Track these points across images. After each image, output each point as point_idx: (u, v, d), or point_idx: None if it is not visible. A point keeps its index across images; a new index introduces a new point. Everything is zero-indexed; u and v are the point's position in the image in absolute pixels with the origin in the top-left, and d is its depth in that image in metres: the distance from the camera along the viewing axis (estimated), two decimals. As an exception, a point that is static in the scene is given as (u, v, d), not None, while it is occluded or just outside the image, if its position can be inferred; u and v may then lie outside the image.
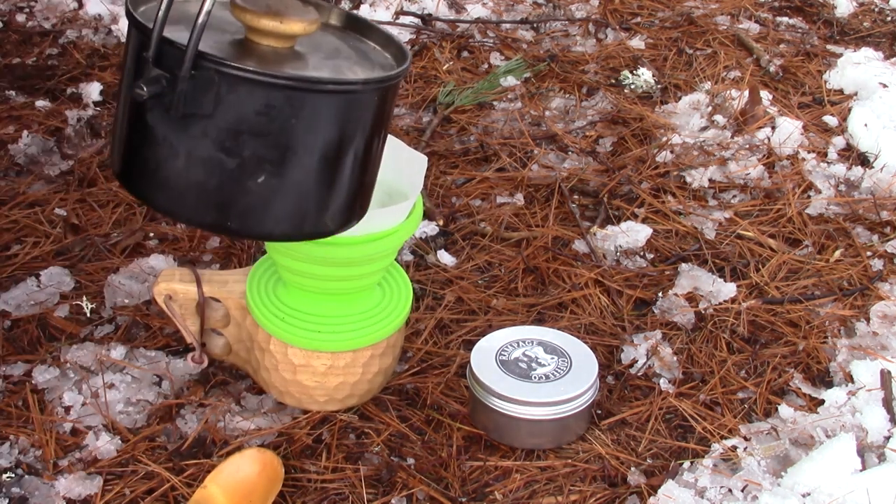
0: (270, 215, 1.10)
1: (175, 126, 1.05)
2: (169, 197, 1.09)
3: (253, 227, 1.10)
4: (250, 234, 1.14)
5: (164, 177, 1.08)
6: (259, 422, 1.37)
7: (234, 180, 1.07)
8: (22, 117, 1.98)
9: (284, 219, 1.11)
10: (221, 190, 1.07)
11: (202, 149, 1.05)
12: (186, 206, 1.09)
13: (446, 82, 2.19)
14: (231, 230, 1.11)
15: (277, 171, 1.07)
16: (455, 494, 1.29)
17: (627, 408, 1.43)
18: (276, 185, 1.08)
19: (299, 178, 1.09)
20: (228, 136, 1.05)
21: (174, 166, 1.07)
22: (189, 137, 1.05)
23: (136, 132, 1.08)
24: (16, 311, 1.53)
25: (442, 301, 1.60)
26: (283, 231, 1.12)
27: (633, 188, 1.90)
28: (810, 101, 2.22)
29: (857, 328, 1.59)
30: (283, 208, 1.10)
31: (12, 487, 1.25)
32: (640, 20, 2.55)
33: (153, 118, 1.06)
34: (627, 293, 1.64)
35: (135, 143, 1.09)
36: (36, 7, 2.41)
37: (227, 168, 1.06)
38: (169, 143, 1.06)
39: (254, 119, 1.04)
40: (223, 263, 1.65)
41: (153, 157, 1.07)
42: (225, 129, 1.04)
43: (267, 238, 1.16)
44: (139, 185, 1.11)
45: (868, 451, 1.36)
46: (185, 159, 1.06)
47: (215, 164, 1.06)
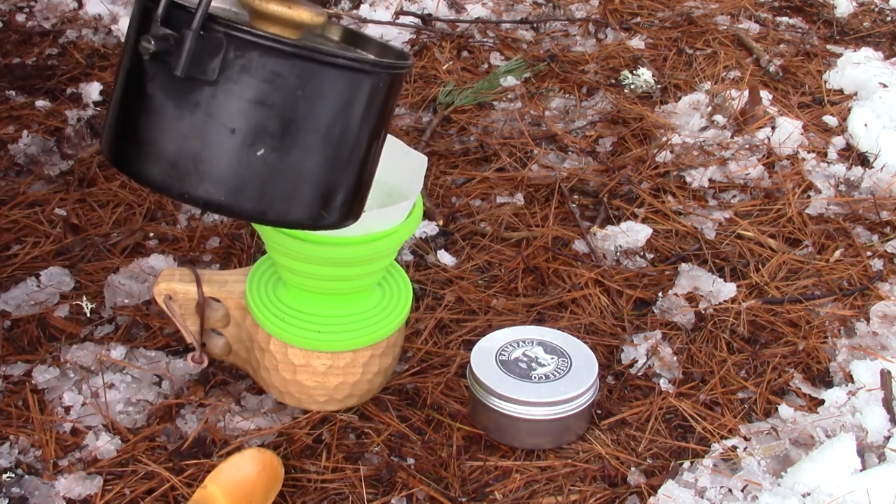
0: (267, 193, 1.06)
1: (176, 92, 1.02)
2: (162, 170, 1.05)
3: (246, 204, 1.06)
4: (242, 211, 1.08)
5: (158, 148, 1.04)
6: (259, 422, 1.37)
7: (232, 152, 1.04)
8: (22, 117, 1.98)
9: (280, 199, 1.07)
10: (219, 162, 1.04)
11: (202, 117, 1.03)
12: (181, 180, 1.05)
13: (446, 82, 2.19)
14: (223, 206, 1.07)
15: (278, 146, 1.04)
16: (455, 494, 1.29)
17: (627, 408, 1.43)
18: (275, 161, 1.05)
19: (299, 156, 1.06)
20: (231, 104, 1.02)
21: (171, 136, 1.04)
22: (190, 104, 1.02)
23: (133, 103, 1.06)
24: (16, 311, 1.53)
25: (442, 301, 1.60)
26: (276, 213, 1.08)
27: (633, 188, 1.90)
28: (810, 101, 2.22)
29: (857, 328, 1.59)
30: (280, 187, 1.06)
31: (12, 487, 1.25)
32: (640, 20, 2.55)
33: (153, 86, 1.03)
34: (627, 293, 1.64)
35: (131, 114, 1.06)
36: (36, 7, 2.41)
37: (227, 138, 1.03)
38: (167, 111, 1.03)
39: (259, 87, 1.02)
40: (223, 263, 1.66)
41: (149, 128, 1.04)
42: (228, 96, 1.02)
43: (259, 218, 1.10)
44: (132, 161, 1.07)
45: (868, 451, 1.36)
46: (183, 129, 1.03)
47: (215, 134, 1.03)
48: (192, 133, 1.03)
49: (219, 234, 1.71)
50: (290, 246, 1.25)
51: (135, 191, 1.81)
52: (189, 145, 1.04)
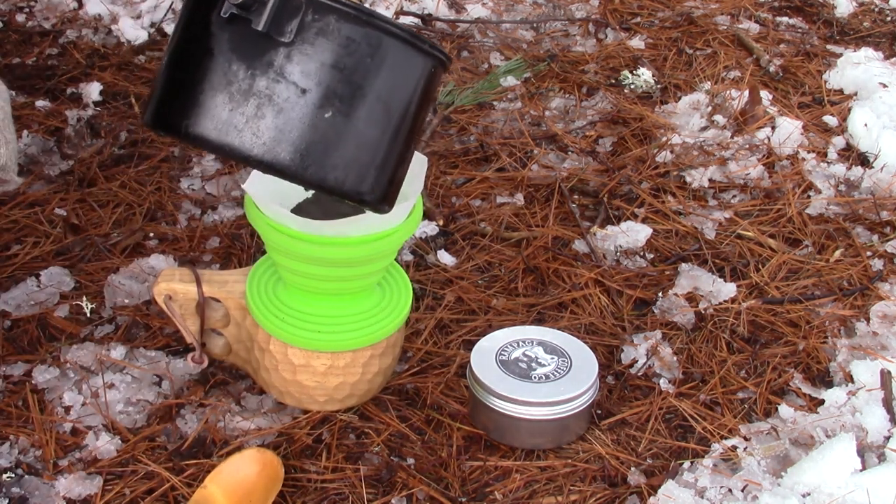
0: (330, 157, 1.09)
1: (249, 52, 1.05)
2: (225, 131, 1.07)
3: (309, 167, 1.08)
4: (304, 174, 1.09)
5: (225, 110, 1.06)
6: (259, 422, 1.37)
7: (302, 113, 1.06)
8: (22, 117, 1.98)
9: (341, 165, 1.10)
10: (287, 123, 1.06)
11: (274, 77, 1.05)
12: (244, 141, 1.07)
13: (446, 82, 2.19)
14: (287, 168, 1.08)
15: (346, 111, 1.08)
16: (455, 494, 1.29)
17: (627, 408, 1.43)
18: (341, 126, 1.08)
19: (363, 124, 1.10)
20: (304, 65, 1.05)
21: (239, 98, 1.06)
22: (263, 64, 1.05)
23: (198, 67, 1.07)
24: (16, 311, 1.53)
25: (442, 301, 1.60)
26: (336, 179, 1.10)
27: (633, 188, 1.90)
28: (810, 101, 2.22)
29: (857, 328, 1.59)
30: (343, 153, 1.09)
31: (12, 487, 1.25)
32: (640, 20, 2.55)
33: (223, 47, 1.06)
34: (627, 293, 1.64)
35: (192, 79, 1.08)
36: (36, 7, 2.41)
37: (298, 99, 1.06)
38: (239, 72, 1.05)
39: (333, 51, 1.06)
40: (223, 263, 1.66)
41: (214, 90, 1.06)
42: (303, 57, 1.05)
43: (319, 182, 1.11)
44: (190, 124, 1.08)
45: (868, 451, 1.36)
46: (254, 89, 1.06)
47: (284, 94, 1.06)
48: (263, 93, 1.06)
49: (219, 234, 1.71)
50: (290, 246, 1.25)
51: (135, 191, 1.81)
52: (259, 104, 1.06)
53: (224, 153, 1.08)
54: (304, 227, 1.23)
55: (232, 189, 1.84)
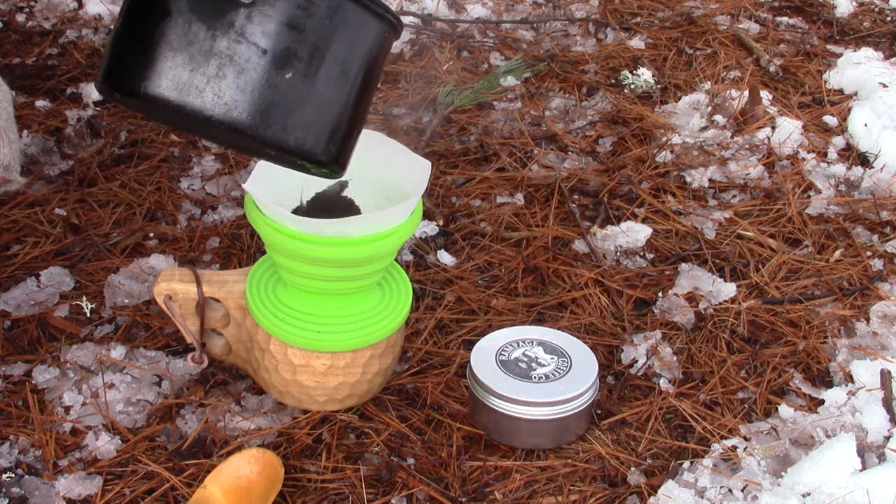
0: (290, 118, 1.10)
1: (210, 13, 1.06)
2: (185, 89, 1.07)
3: (270, 126, 1.09)
4: (264, 135, 1.10)
5: (185, 72, 1.06)
6: (259, 422, 1.37)
7: (262, 73, 1.07)
8: (22, 117, 1.98)
9: (301, 126, 1.11)
10: (248, 83, 1.07)
11: (234, 37, 1.06)
12: (205, 102, 1.07)
13: (446, 82, 2.19)
14: (247, 129, 1.08)
15: (305, 71, 1.09)
16: (455, 494, 1.29)
17: (627, 408, 1.43)
18: (300, 86, 1.09)
19: (322, 85, 1.11)
20: (265, 25, 1.07)
21: (199, 59, 1.06)
22: (224, 25, 1.06)
23: (155, 28, 1.07)
24: (16, 311, 1.53)
25: (442, 301, 1.60)
26: (296, 140, 1.11)
27: (633, 188, 1.90)
28: (810, 101, 2.22)
29: (857, 328, 1.59)
30: (302, 114, 1.10)
31: (12, 487, 1.25)
32: (640, 20, 2.55)
33: (182, 7, 1.06)
34: (627, 293, 1.64)
35: (149, 41, 1.07)
36: (36, 7, 2.41)
37: (258, 59, 1.07)
38: (199, 33, 1.06)
39: (292, 11, 1.07)
40: (223, 263, 1.66)
41: (173, 52, 1.06)
42: (263, 17, 1.07)
43: (280, 143, 1.11)
44: (148, 86, 1.07)
45: (868, 451, 1.36)
46: (214, 50, 1.06)
47: (245, 54, 1.07)
48: (224, 53, 1.06)
49: (219, 234, 1.71)
50: (290, 246, 1.25)
51: (135, 191, 1.81)
52: (220, 65, 1.07)
53: (184, 114, 1.07)
54: (304, 228, 1.23)
55: (232, 189, 1.84)
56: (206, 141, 1.23)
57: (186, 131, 1.24)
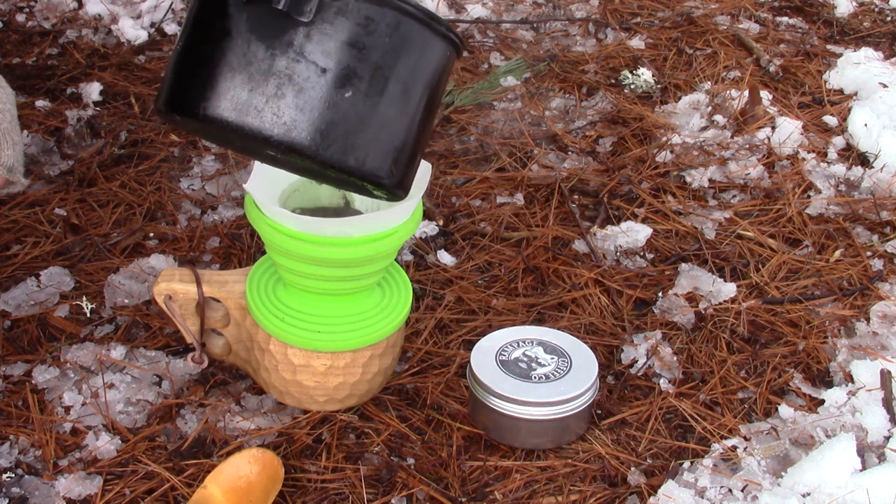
0: (350, 138, 1.09)
1: (268, 32, 1.05)
2: (243, 111, 1.06)
3: (329, 147, 1.08)
4: (324, 154, 1.08)
5: (244, 91, 1.06)
6: (259, 422, 1.37)
7: (322, 92, 1.06)
8: (22, 117, 1.98)
9: (361, 146, 1.09)
10: (307, 102, 1.06)
11: (293, 56, 1.06)
12: (264, 121, 1.06)
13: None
14: (306, 149, 1.07)
15: (366, 90, 1.08)
16: (455, 494, 1.29)
17: (627, 408, 1.43)
18: (361, 106, 1.08)
19: (384, 105, 1.10)
20: (324, 45, 1.06)
21: (258, 78, 1.06)
22: (282, 44, 1.05)
23: (215, 49, 1.07)
24: (16, 311, 1.53)
25: (442, 301, 1.60)
26: (357, 160, 1.10)
27: (633, 188, 1.90)
28: (810, 101, 2.22)
29: (857, 328, 1.59)
30: (363, 133, 1.09)
31: (12, 487, 1.25)
32: (640, 20, 2.55)
33: (241, 28, 1.06)
34: (627, 293, 1.64)
35: (209, 62, 1.07)
36: (36, 7, 2.41)
37: (318, 78, 1.06)
38: (257, 52, 1.06)
39: (352, 30, 1.06)
40: (223, 263, 1.66)
41: (232, 71, 1.06)
42: (322, 36, 1.06)
43: (340, 163, 1.10)
44: (207, 106, 1.07)
45: (868, 451, 1.36)
46: (274, 69, 1.06)
47: (304, 73, 1.06)
48: (283, 73, 1.06)
49: (219, 234, 1.71)
50: (290, 246, 1.25)
51: (135, 191, 1.81)
52: (279, 84, 1.06)
53: (242, 135, 1.07)
54: (304, 228, 1.23)
55: (232, 189, 1.84)
56: (268, 164, 1.22)
57: (246, 154, 1.23)
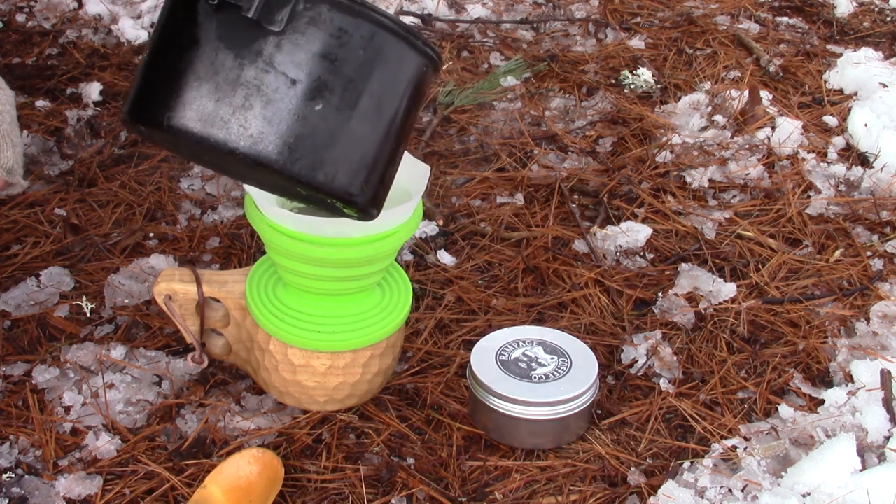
0: (319, 152, 1.05)
1: (238, 41, 1.02)
2: (209, 122, 1.03)
3: (297, 160, 1.04)
4: (291, 170, 1.05)
5: (210, 101, 1.03)
6: (259, 422, 1.37)
7: (292, 104, 1.03)
8: (22, 117, 1.98)
9: (330, 161, 1.06)
10: (276, 114, 1.03)
11: (263, 66, 1.03)
12: (230, 133, 1.03)
13: (446, 82, 2.19)
14: (273, 162, 1.04)
15: (337, 104, 1.05)
16: (455, 494, 1.29)
17: (627, 408, 1.43)
18: (332, 119, 1.05)
19: (355, 119, 1.06)
20: (295, 55, 1.03)
21: (226, 88, 1.03)
22: (252, 53, 1.02)
23: (182, 57, 1.04)
24: (16, 311, 1.53)
25: (442, 301, 1.60)
26: (325, 175, 1.06)
27: (633, 188, 1.90)
28: (810, 101, 2.22)
29: (857, 328, 1.59)
30: (333, 148, 1.06)
31: (12, 487, 1.25)
32: (640, 20, 2.55)
33: (210, 36, 1.03)
34: (627, 293, 1.64)
35: (176, 70, 1.04)
36: (36, 7, 2.41)
37: (287, 90, 1.03)
38: (225, 61, 1.03)
39: (325, 41, 1.03)
40: (223, 263, 1.66)
41: (199, 80, 1.03)
42: (294, 47, 1.03)
43: (308, 178, 1.06)
44: (172, 116, 1.04)
45: (868, 451, 1.36)
46: (242, 79, 1.03)
47: (274, 84, 1.03)
48: (251, 83, 1.03)
49: (219, 234, 1.71)
50: (290, 247, 1.25)
51: (135, 191, 1.81)
52: (247, 95, 1.03)
53: (208, 146, 1.04)
54: (304, 228, 1.23)
55: (232, 189, 1.84)
56: (235, 180, 1.18)
57: (214, 168, 1.19)
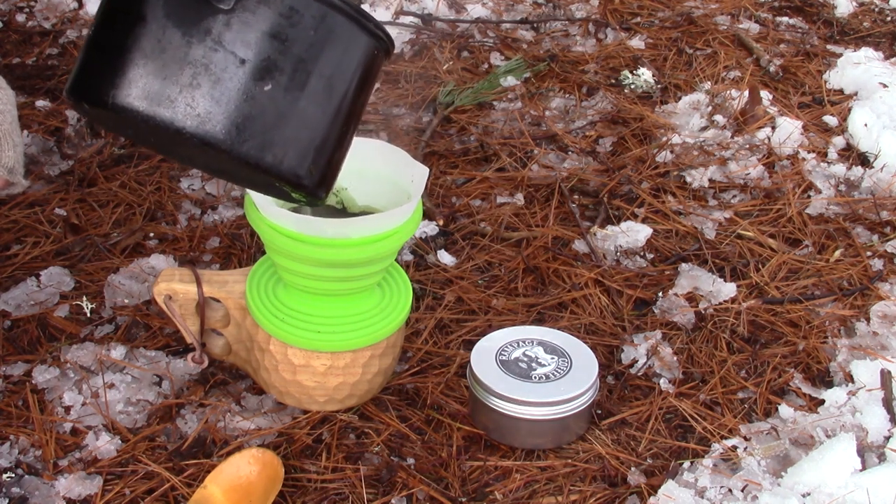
0: (268, 134, 1.04)
1: (186, 19, 1.01)
2: (155, 101, 1.01)
3: (245, 142, 1.03)
4: (239, 150, 1.03)
5: (157, 79, 1.01)
6: (259, 422, 1.37)
7: (240, 84, 1.02)
8: (22, 117, 1.98)
9: (279, 143, 1.05)
10: (224, 94, 1.02)
11: (211, 45, 1.01)
12: (177, 112, 1.01)
13: (446, 82, 2.19)
14: (221, 143, 1.03)
15: (287, 85, 1.04)
16: (455, 494, 1.29)
17: (627, 408, 1.43)
18: (281, 100, 1.04)
19: (304, 101, 1.06)
20: (244, 34, 1.02)
21: (173, 67, 1.01)
22: (200, 31, 1.01)
23: (128, 33, 1.02)
24: (16, 311, 1.53)
25: (442, 301, 1.60)
26: (274, 157, 1.05)
27: (633, 188, 1.90)
28: (810, 101, 2.22)
29: (857, 328, 1.59)
30: (282, 130, 1.05)
31: (12, 487, 1.25)
32: (640, 20, 2.55)
33: (157, 13, 1.01)
34: (627, 293, 1.64)
35: (122, 46, 1.02)
36: (36, 7, 2.41)
37: (236, 69, 1.02)
38: (173, 39, 1.01)
39: (275, 20, 1.02)
40: (223, 263, 1.66)
41: (145, 58, 1.01)
42: (243, 25, 1.02)
43: (256, 160, 1.05)
44: (117, 94, 1.02)
45: (868, 451, 1.36)
46: (189, 57, 1.01)
47: (222, 64, 1.02)
48: (199, 62, 1.01)
49: (219, 234, 1.71)
50: (290, 247, 1.25)
51: (135, 191, 1.81)
52: (192, 75, 1.01)
53: (153, 125, 1.02)
54: (303, 229, 1.23)
55: (232, 189, 1.84)
56: (183, 164, 1.16)
57: (160, 151, 1.15)
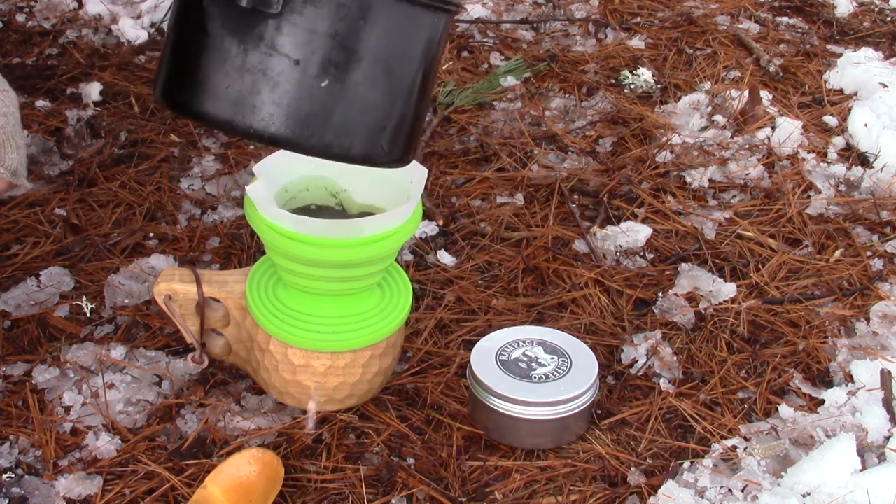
0: (331, 126, 1.08)
1: (239, 28, 1.05)
2: (226, 107, 1.07)
3: (311, 136, 1.08)
4: (307, 144, 1.09)
5: (223, 86, 1.06)
6: (259, 422, 1.37)
7: (298, 84, 1.06)
8: (22, 117, 1.97)
9: (344, 132, 1.09)
10: (284, 95, 1.06)
11: (266, 50, 1.05)
12: (245, 116, 1.06)
13: (446, 82, 2.19)
14: (289, 140, 1.08)
15: (343, 77, 1.07)
16: (455, 494, 1.29)
17: (627, 408, 1.43)
18: (339, 93, 1.07)
19: (363, 87, 1.08)
20: (295, 36, 1.05)
21: (235, 73, 1.06)
22: (254, 38, 1.05)
23: (193, 44, 1.07)
24: (16, 311, 1.53)
25: (442, 301, 1.60)
26: (341, 146, 1.10)
27: (633, 188, 1.90)
28: (810, 101, 2.22)
29: (857, 328, 1.59)
30: (345, 120, 1.09)
31: (12, 487, 1.25)
32: (640, 20, 2.55)
33: (215, 24, 1.06)
34: (627, 293, 1.64)
35: (190, 57, 1.08)
36: (36, 7, 2.41)
37: (292, 70, 1.05)
38: (231, 48, 1.05)
39: (323, 17, 1.05)
40: (223, 263, 1.66)
41: (211, 67, 1.06)
42: (292, 27, 1.04)
43: (325, 152, 1.10)
44: (193, 101, 1.09)
45: (868, 451, 1.36)
46: (248, 64, 1.05)
47: (278, 67, 1.05)
48: (256, 68, 1.05)
49: (219, 234, 1.71)
50: (289, 248, 1.25)
51: (135, 191, 1.81)
52: (254, 80, 1.06)
53: (228, 129, 1.09)
54: (303, 229, 1.23)
55: (232, 189, 1.84)
56: None
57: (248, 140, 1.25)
